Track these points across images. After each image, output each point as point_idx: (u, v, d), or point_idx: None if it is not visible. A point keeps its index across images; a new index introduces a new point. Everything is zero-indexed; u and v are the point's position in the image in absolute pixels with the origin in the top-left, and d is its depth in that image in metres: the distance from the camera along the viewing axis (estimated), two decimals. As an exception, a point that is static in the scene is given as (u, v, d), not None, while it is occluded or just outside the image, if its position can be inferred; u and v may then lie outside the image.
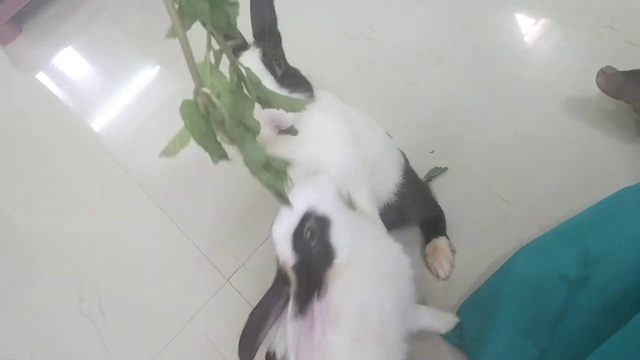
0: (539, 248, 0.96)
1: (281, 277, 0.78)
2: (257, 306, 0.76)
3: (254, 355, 0.74)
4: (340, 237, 0.76)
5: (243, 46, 0.86)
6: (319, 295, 0.75)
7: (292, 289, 0.75)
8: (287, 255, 0.76)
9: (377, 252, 0.82)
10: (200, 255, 1.37)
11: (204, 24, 0.53)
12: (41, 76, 2.31)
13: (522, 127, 1.24)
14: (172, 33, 0.49)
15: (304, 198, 0.75)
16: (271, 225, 0.78)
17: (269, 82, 0.81)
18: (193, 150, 1.73)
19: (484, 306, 0.97)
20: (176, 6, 0.48)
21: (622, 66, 1.10)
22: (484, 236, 1.11)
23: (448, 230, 1.12)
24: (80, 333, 1.37)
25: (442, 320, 0.99)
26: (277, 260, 0.78)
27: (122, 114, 1.94)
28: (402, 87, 1.45)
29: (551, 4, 1.45)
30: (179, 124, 1.72)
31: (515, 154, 1.20)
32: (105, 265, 1.48)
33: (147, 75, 2.08)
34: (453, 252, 1.10)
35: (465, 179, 1.21)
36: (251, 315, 0.75)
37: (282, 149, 0.83)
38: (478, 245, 1.10)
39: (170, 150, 0.56)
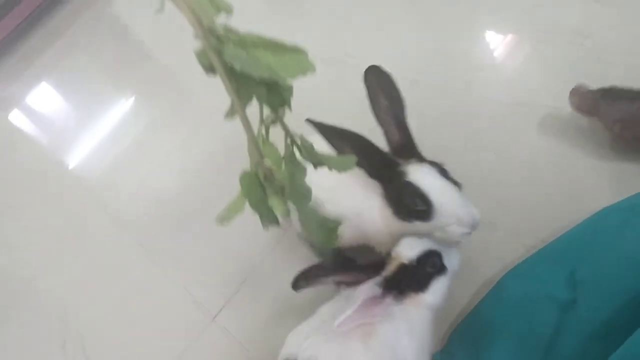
0: (528, 270, 0.97)
1: (376, 263, 0.89)
2: (339, 261, 0.88)
3: (303, 287, 0.90)
4: (440, 288, 0.88)
5: (394, 165, 0.90)
6: (399, 295, 0.86)
7: (386, 272, 0.87)
8: (409, 252, 0.87)
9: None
10: (184, 293, 1.34)
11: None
12: (15, 114, 2.27)
13: (500, 149, 1.24)
14: (231, 112, 0.54)
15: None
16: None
17: (457, 194, 0.88)
18: (173, 186, 1.70)
19: (475, 332, 0.96)
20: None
21: (595, 83, 1.12)
22: (470, 259, 1.10)
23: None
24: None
25: None
26: (390, 252, 0.89)
27: (98, 149, 1.92)
28: (380, 112, 1.45)
29: (522, 23, 1.48)
30: (154, 156, 1.70)
31: (496, 175, 1.21)
32: (87, 307, 1.45)
33: (122, 108, 2.06)
34: None
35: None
36: (327, 263, 0.87)
37: None
38: (464, 269, 1.09)
39: (225, 217, 0.62)
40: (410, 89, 1.46)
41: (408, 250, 0.88)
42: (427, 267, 0.87)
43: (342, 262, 0.90)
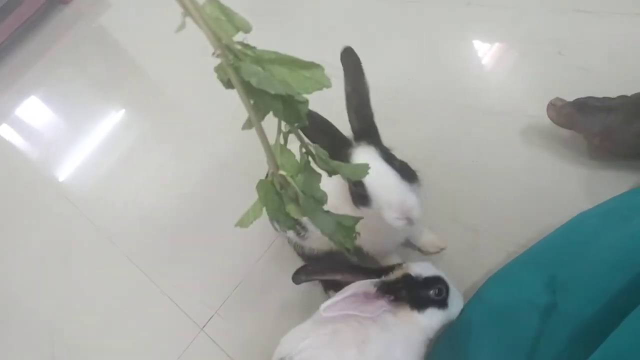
0: (507, 276, 0.98)
1: (381, 269, 0.92)
2: (345, 264, 0.90)
3: (303, 281, 0.92)
4: (435, 317, 0.92)
5: (347, 144, 0.89)
6: (393, 302, 0.88)
7: (388, 276, 0.91)
8: (419, 270, 0.91)
9: None
10: (173, 305, 1.35)
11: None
12: (3, 128, 2.27)
13: (483, 156, 1.28)
14: (248, 125, 0.56)
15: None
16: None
17: (393, 178, 0.84)
18: (162, 199, 1.70)
19: (458, 338, 0.97)
20: (251, 102, 0.53)
21: (574, 90, 1.15)
22: (453, 265, 1.12)
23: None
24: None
25: None
26: (398, 262, 0.94)
27: (87, 162, 1.93)
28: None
29: (508, 33, 1.53)
30: (144, 169, 1.71)
31: (479, 182, 1.24)
32: (75, 321, 1.45)
33: (112, 120, 2.07)
34: None
35: (431, 210, 1.22)
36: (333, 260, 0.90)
37: None
38: (449, 276, 1.11)
39: (244, 222, 0.64)
40: (395, 98, 1.49)
41: (419, 268, 0.92)
42: (431, 291, 0.91)
43: (345, 262, 0.91)
